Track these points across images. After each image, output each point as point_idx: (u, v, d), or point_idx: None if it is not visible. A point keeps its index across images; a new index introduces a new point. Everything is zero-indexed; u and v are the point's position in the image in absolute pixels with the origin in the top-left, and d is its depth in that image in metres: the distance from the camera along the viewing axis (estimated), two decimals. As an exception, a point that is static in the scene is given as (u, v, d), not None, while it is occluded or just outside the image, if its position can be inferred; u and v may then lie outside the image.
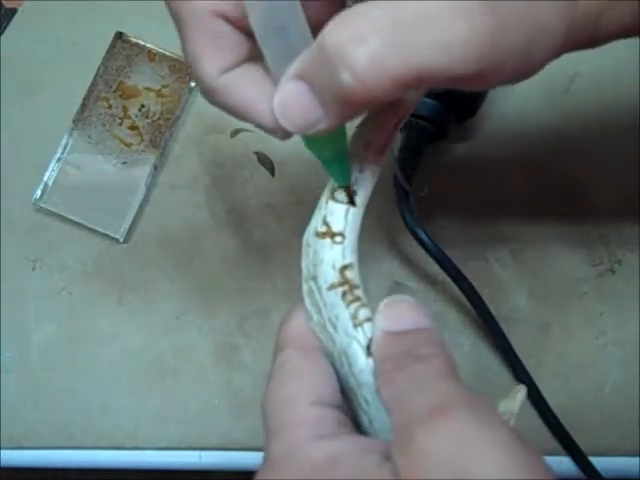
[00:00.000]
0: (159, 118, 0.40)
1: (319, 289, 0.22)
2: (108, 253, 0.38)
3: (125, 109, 0.40)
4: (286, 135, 0.22)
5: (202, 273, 0.38)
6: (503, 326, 0.35)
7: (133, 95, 0.40)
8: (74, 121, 0.40)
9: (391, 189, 0.36)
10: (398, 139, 0.36)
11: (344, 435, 0.19)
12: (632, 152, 0.38)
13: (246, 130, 0.40)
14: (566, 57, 0.41)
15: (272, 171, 0.39)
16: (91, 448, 0.35)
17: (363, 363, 0.20)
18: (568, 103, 0.40)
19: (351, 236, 0.22)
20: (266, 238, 0.38)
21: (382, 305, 0.21)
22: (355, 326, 0.21)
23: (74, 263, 0.38)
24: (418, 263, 0.37)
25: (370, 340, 0.20)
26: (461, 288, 0.34)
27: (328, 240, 0.22)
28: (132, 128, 0.40)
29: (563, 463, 0.34)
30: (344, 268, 0.22)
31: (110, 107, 0.40)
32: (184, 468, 0.35)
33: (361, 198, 0.23)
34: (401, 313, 0.21)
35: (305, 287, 0.22)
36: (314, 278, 0.22)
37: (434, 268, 0.34)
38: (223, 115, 0.40)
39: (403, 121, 0.24)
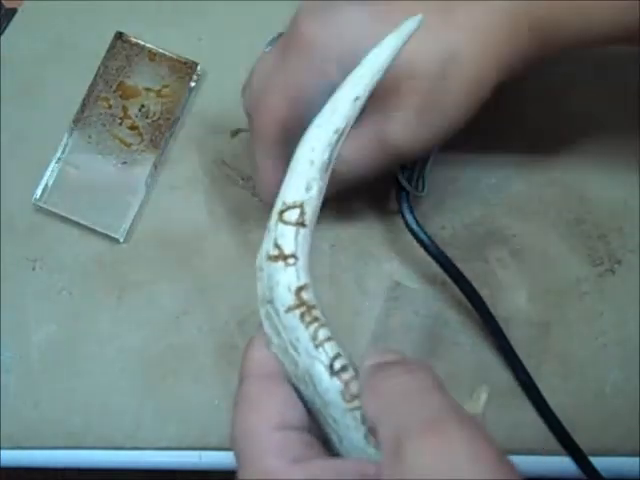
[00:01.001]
0: (159, 118, 0.40)
1: (277, 312, 0.22)
2: (108, 253, 0.38)
3: (125, 109, 0.40)
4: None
5: (202, 273, 0.38)
6: (503, 326, 0.35)
7: (133, 95, 0.40)
8: (74, 121, 0.40)
9: (391, 189, 0.36)
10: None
11: (315, 458, 0.19)
12: (632, 152, 0.38)
13: (246, 130, 0.40)
14: (566, 57, 0.41)
15: (272, 171, 0.39)
16: (91, 448, 0.35)
17: (327, 382, 0.20)
18: (568, 103, 0.40)
19: (303, 256, 0.22)
20: (266, 238, 0.38)
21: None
22: (316, 347, 0.21)
23: (74, 263, 0.38)
24: (418, 263, 0.37)
25: (333, 359, 0.21)
26: (461, 288, 0.34)
27: (281, 263, 0.22)
28: (132, 128, 0.40)
29: (563, 463, 0.34)
30: (299, 289, 0.22)
31: (110, 107, 0.40)
32: (184, 468, 0.35)
33: (309, 217, 0.23)
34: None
35: (262, 311, 0.22)
36: (270, 302, 0.22)
37: (434, 268, 0.34)
38: (223, 115, 0.40)
39: (344, 136, 0.24)
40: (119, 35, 0.41)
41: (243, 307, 0.37)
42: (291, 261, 0.22)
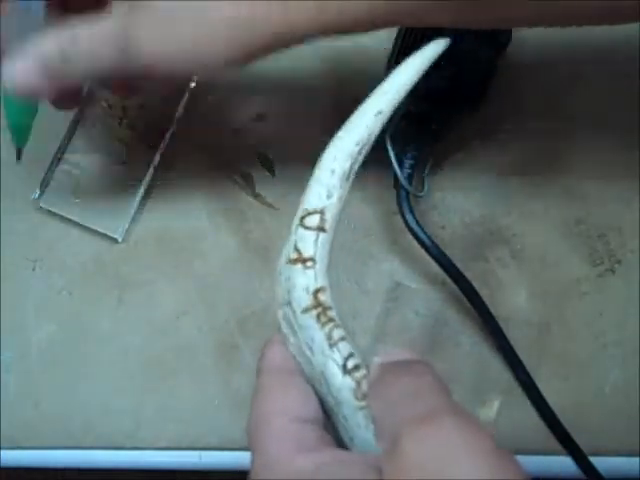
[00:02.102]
0: (159, 118, 0.40)
1: (294, 313, 0.23)
2: (108, 253, 0.38)
3: (125, 109, 0.40)
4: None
5: (202, 273, 0.38)
6: (503, 326, 0.35)
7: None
8: (74, 121, 0.40)
9: (391, 189, 0.36)
10: (400, 138, 0.36)
11: (326, 448, 0.20)
12: (632, 152, 0.38)
13: (246, 130, 0.40)
14: (566, 58, 0.41)
15: (272, 171, 0.39)
16: (91, 448, 0.35)
17: (340, 381, 0.21)
18: (568, 104, 0.40)
19: (322, 260, 0.23)
20: (266, 238, 0.38)
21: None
22: (330, 346, 0.22)
23: (74, 263, 0.38)
24: (418, 263, 0.37)
25: (346, 358, 0.21)
26: (461, 288, 0.34)
27: (300, 266, 0.23)
28: (132, 128, 0.40)
29: (563, 463, 0.34)
30: (317, 291, 0.23)
31: (110, 107, 0.40)
32: (184, 468, 0.35)
33: (329, 223, 0.24)
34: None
35: (280, 313, 0.23)
36: (288, 303, 0.23)
37: (434, 268, 0.34)
38: (223, 115, 0.40)
39: (367, 148, 0.25)
40: (119, 35, 0.41)
41: (243, 307, 0.37)
42: (309, 264, 0.23)
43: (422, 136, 0.36)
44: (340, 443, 0.22)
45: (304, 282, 0.23)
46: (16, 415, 0.35)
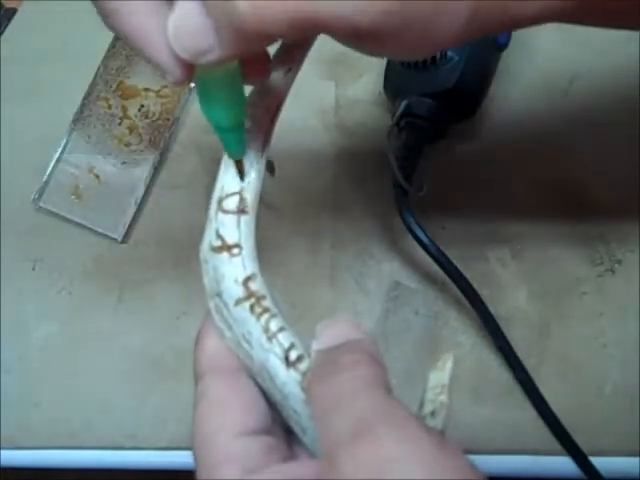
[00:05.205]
0: (158, 118, 0.40)
1: (226, 305, 0.21)
2: (108, 253, 0.38)
3: (124, 109, 0.40)
4: (180, 74, 0.22)
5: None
6: (503, 326, 0.35)
7: (133, 95, 0.40)
8: (74, 121, 0.40)
9: (391, 189, 0.36)
10: (400, 138, 0.36)
11: (272, 466, 0.19)
12: (632, 152, 0.38)
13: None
14: (566, 58, 0.41)
15: (272, 171, 0.39)
16: (91, 448, 0.35)
17: (284, 375, 0.20)
18: (568, 104, 0.40)
19: (248, 245, 0.21)
20: (266, 238, 0.38)
21: (317, 328, 0.20)
22: (269, 339, 0.20)
23: (74, 263, 0.38)
24: (418, 263, 0.37)
25: (287, 350, 0.20)
26: (461, 288, 0.34)
27: (225, 254, 0.21)
28: (131, 128, 0.40)
29: (563, 463, 0.34)
30: (247, 280, 0.21)
31: (110, 107, 0.40)
32: (184, 468, 0.35)
33: (250, 203, 0.22)
34: (334, 331, 0.20)
35: (212, 304, 0.21)
36: (219, 294, 0.21)
37: (434, 268, 0.34)
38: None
39: (277, 115, 0.22)
40: (119, 35, 0.41)
41: (243, 307, 0.37)
42: (235, 251, 0.21)
43: (422, 136, 0.36)
44: (293, 434, 0.21)
45: (232, 272, 0.21)
46: (16, 415, 0.35)
